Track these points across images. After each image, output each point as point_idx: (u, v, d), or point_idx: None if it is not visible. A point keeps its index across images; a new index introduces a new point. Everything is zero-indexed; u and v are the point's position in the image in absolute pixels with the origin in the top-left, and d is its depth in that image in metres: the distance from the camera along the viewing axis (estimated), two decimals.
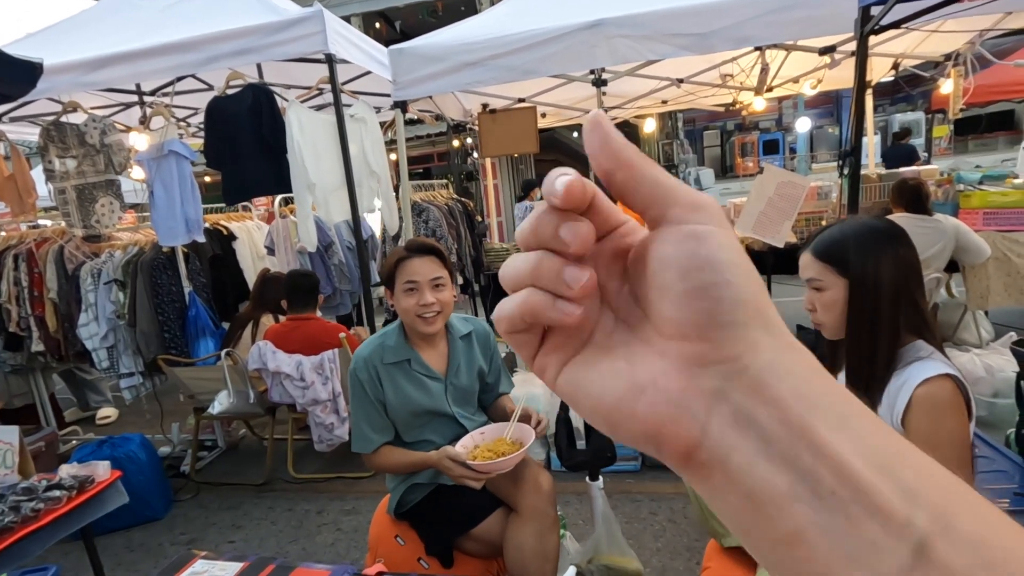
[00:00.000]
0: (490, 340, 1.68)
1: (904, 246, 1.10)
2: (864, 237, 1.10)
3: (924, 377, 1.03)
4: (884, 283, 1.08)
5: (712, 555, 1.50)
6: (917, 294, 1.11)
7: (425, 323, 1.49)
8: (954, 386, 1.03)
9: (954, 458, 1.01)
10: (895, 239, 1.10)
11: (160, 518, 2.88)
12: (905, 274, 1.09)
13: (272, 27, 2.60)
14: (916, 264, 1.11)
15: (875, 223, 1.12)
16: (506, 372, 1.75)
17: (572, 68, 2.80)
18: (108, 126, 3.05)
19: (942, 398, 1.02)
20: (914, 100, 15.08)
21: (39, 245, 3.52)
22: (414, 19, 10.68)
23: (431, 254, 1.49)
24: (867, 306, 1.10)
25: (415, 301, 1.47)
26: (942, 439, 1.01)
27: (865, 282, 1.09)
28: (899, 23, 2.08)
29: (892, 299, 1.08)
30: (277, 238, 4.04)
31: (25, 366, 3.78)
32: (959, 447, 1.02)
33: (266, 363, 2.88)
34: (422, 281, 1.46)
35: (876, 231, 1.11)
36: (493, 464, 1.34)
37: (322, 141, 2.84)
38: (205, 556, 1.29)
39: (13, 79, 1.97)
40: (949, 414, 1.02)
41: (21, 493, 1.57)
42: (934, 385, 1.03)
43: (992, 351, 2.78)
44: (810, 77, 4.31)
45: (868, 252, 1.09)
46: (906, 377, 1.06)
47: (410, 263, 1.48)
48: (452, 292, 1.54)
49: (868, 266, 1.09)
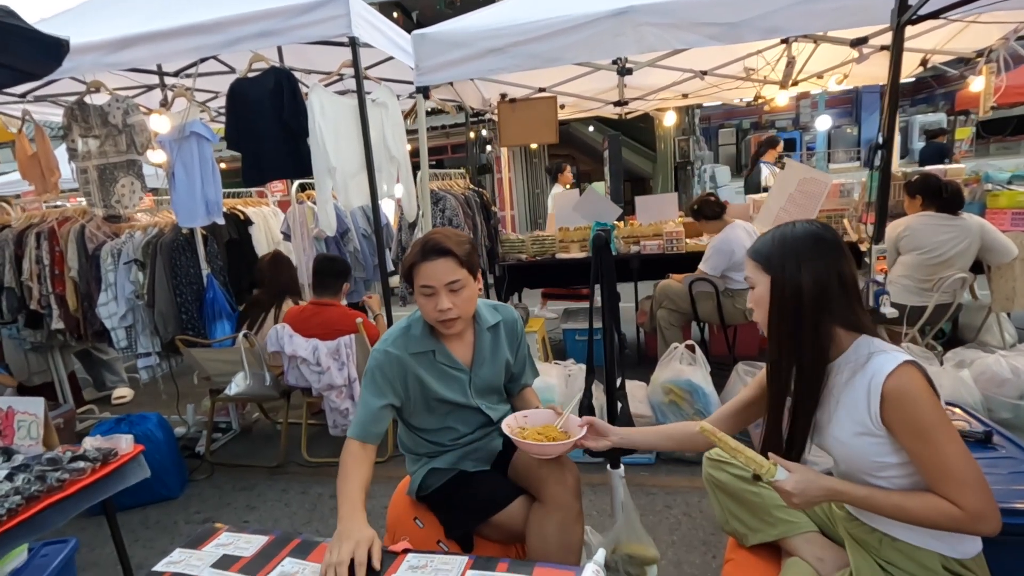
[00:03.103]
0: (517, 329, 1.63)
1: (829, 249, 1.12)
2: (790, 238, 1.15)
3: (888, 371, 1.05)
4: (804, 283, 1.11)
5: (735, 549, 1.48)
6: (844, 294, 1.12)
7: (444, 327, 1.46)
8: (917, 370, 1.05)
9: (945, 438, 1.02)
10: (821, 243, 1.12)
11: (176, 497, 2.91)
12: (828, 276, 1.11)
13: (296, 9, 2.58)
14: (841, 267, 1.12)
15: (808, 228, 1.15)
16: (532, 363, 1.71)
17: (597, 56, 2.76)
18: (131, 106, 3.06)
19: (913, 386, 1.04)
20: (936, 101, 14.83)
21: (61, 224, 3.55)
22: (431, 10, 10.65)
23: (446, 256, 1.41)
24: (788, 304, 1.13)
25: (433, 306, 1.43)
26: (928, 423, 1.02)
27: (784, 280, 1.13)
28: (937, 13, 2.03)
29: (815, 298, 1.11)
30: (293, 224, 4.05)
31: (44, 344, 3.83)
32: (943, 427, 1.02)
33: (283, 346, 2.89)
34: (438, 286, 1.41)
35: (800, 234, 1.14)
36: (544, 446, 1.36)
37: (343, 125, 2.83)
38: (229, 529, 1.29)
39: (39, 56, 1.97)
40: (924, 399, 1.03)
41: (46, 463, 1.59)
42: (901, 375, 1.04)
43: (1018, 353, 2.72)
44: (836, 72, 4.23)
45: (788, 252, 1.14)
46: (871, 374, 1.08)
47: (424, 267, 1.41)
48: (475, 287, 1.48)
49: (788, 265, 1.13)
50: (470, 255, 1.45)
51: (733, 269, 3.50)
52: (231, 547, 1.21)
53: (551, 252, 4.36)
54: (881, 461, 1.10)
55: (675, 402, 2.75)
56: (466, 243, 1.46)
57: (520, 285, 4.79)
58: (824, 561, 1.26)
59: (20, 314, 3.70)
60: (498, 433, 1.62)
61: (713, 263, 3.48)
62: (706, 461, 1.50)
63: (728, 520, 1.46)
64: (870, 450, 1.11)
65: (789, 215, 3.66)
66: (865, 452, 1.11)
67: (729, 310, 3.55)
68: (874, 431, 1.09)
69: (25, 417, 1.77)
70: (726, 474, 1.44)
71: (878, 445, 1.10)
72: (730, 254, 3.45)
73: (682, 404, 2.74)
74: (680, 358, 2.89)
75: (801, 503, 1.11)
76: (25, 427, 1.76)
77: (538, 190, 10.56)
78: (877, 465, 1.11)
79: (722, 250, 3.46)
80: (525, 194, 10.48)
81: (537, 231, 4.80)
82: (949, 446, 1.01)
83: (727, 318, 3.57)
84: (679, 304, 3.64)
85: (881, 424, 1.07)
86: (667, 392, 2.78)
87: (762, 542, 1.39)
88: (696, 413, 2.72)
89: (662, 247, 4.09)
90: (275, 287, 3.29)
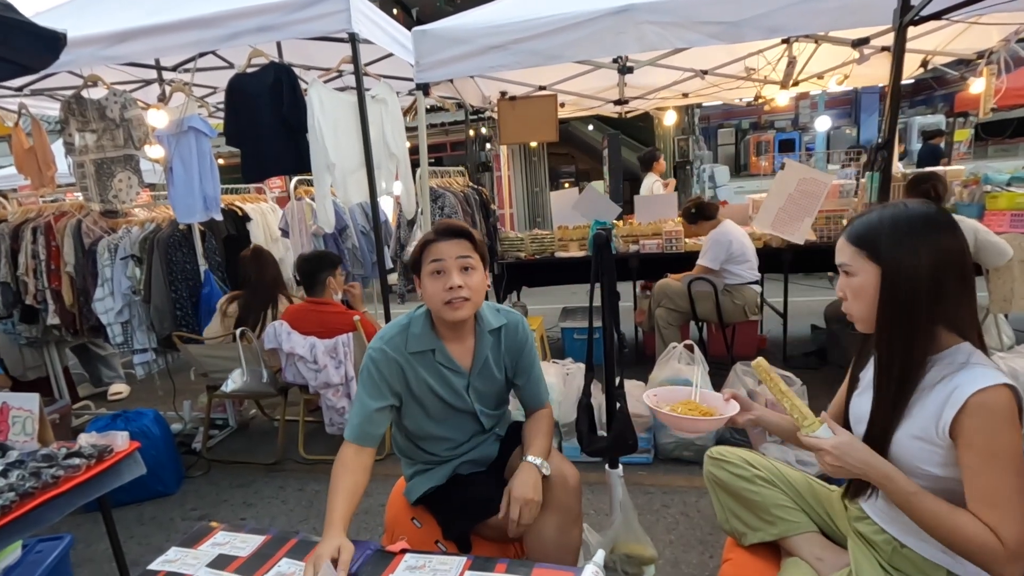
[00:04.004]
0: (519, 333, 1.54)
1: (949, 236, 1.01)
2: (901, 222, 1.02)
3: (981, 386, 0.96)
4: (922, 273, 1.00)
5: (733, 548, 1.48)
6: (962, 291, 1.01)
7: (451, 308, 1.37)
8: (1011, 396, 0.97)
9: (1012, 469, 0.95)
10: (939, 227, 1.01)
11: (172, 493, 2.90)
12: (948, 266, 1.00)
13: (296, 4, 2.56)
14: (963, 257, 1.01)
15: (917, 208, 1.03)
16: (542, 381, 1.59)
17: (598, 54, 2.75)
18: (129, 100, 3.04)
19: (1001, 409, 0.96)
20: (935, 103, 14.85)
21: (57, 218, 3.53)
22: (431, 7, 10.61)
23: (461, 236, 1.39)
24: (901, 297, 1.02)
25: (442, 285, 1.36)
26: (999, 449, 0.95)
27: (899, 270, 1.01)
28: (940, 14, 2.02)
29: (931, 291, 1.00)
30: (292, 220, 4.03)
31: (40, 339, 3.81)
32: (1016, 458, 0.96)
33: (281, 343, 2.88)
34: (448, 260, 1.36)
35: (916, 216, 1.02)
36: (698, 421, 1.34)
37: (343, 121, 2.81)
38: (225, 528, 1.28)
39: (36, 50, 1.94)
40: (1008, 426, 0.96)
41: (41, 460, 1.57)
42: (991, 394, 0.96)
43: (1015, 354, 2.72)
44: (836, 72, 4.23)
45: (903, 238, 1.01)
46: (957, 383, 0.99)
47: (437, 245, 1.38)
48: (484, 278, 1.44)
49: (903, 253, 1.01)
50: (482, 245, 1.46)
51: (731, 261, 3.51)
52: (227, 546, 1.20)
53: (550, 251, 4.35)
54: (925, 470, 1.04)
55: None
56: (478, 234, 1.47)
57: (519, 284, 4.79)
58: (823, 561, 1.25)
59: (16, 309, 3.68)
60: (493, 439, 1.61)
61: (712, 255, 3.49)
62: (707, 459, 1.48)
63: (728, 519, 1.45)
64: (919, 455, 1.04)
65: (788, 215, 3.66)
66: (914, 456, 1.05)
67: (728, 309, 3.55)
68: (934, 439, 1.02)
69: (20, 413, 1.76)
70: (727, 472, 1.42)
71: (930, 453, 1.03)
72: (727, 245, 3.47)
73: None
74: (678, 357, 2.88)
75: (834, 464, 1.05)
76: (20, 423, 1.75)
77: (537, 188, 10.54)
78: (919, 472, 1.05)
79: (720, 241, 3.48)
80: (524, 192, 10.46)
81: (536, 229, 4.79)
82: (1014, 478, 0.95)
83: (726, 317, 3.57)
84: (678, 303, 3.64)
85: (947, 435, 0.99)
86: None
87: (761, 541, 1.38)
88: None
89: (661, 246, 4.09)
90: (263, 284, 3.22)
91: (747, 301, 3.56)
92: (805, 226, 3.58)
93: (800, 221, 3.58)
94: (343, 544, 1.14)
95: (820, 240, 3.92)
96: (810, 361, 3.87)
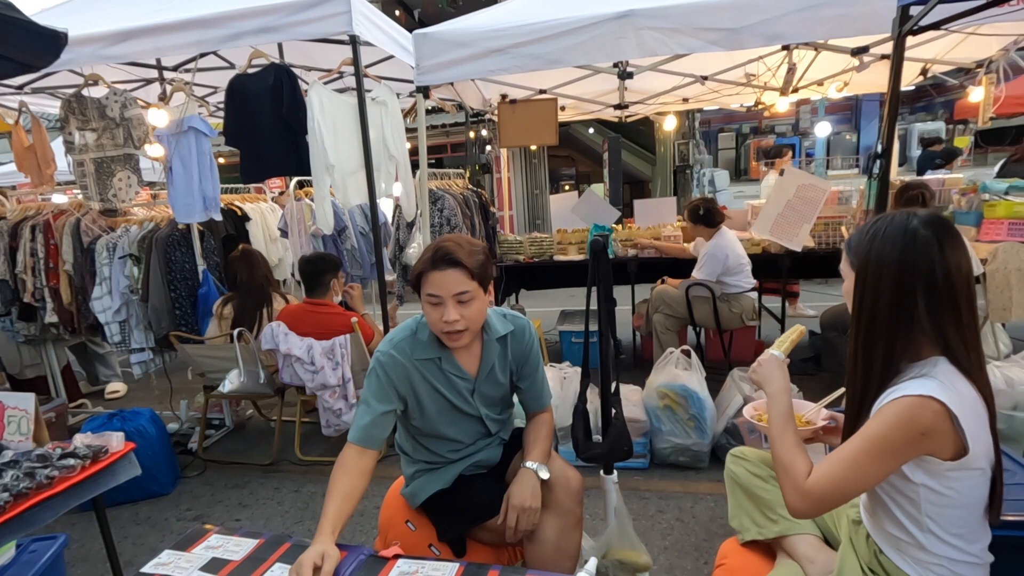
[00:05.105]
0: (525, 338, 1.53)
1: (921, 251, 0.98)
2: (879, 233, 1.03)
3: (908, 393, 0.95)
4: (883, 286, 1.00)
5: (727, 552, 1.49)
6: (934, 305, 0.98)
7: (449, 339, 1.39)
8: (928, 409, 0.93)
9: (863, 449, 0.97)
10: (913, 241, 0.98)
11: (167, 493, 2.89)
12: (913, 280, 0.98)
13: (297, 6, 2.57)
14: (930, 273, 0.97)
15: (898, 220, 1.02)
16: (545, 385, 1.60)
17: (598, 59, 2.76)
18: (129, 100, 3.04)
19: (903, 410, 0.95)
20: (935, 109, 14.89)
21: (56, 217, 3.53)
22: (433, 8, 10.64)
23: (456, 266, 1.33)
24: (865, 304, 1.03)
25: (439, 316, 1.36)
26: (871, 432, 0.98)
27: (865, 279, 1.03)
28: (939, 24, 2.03)
29: (893, 303, 1.00)
30: (291, 221, 4.03)
31: (38, 337, 3.80)
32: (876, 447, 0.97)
33: (278, 344, 2.88)
34: (445, 296, 1.34)
35: (893, 228, 1.01)
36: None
37: (343, 123, 2.82)
38: (219, 531, 1.28)
39: (37, 49, 1.95)
40: (896, 423, 0.95)
41: (36, 460, 1.57)
42: (908, 401, 0.94)
43: (1012, 363, 2.72)
44: (836, 80, 4.24)
45: (874, 248, 1.02)
46: (901, 391, 0.97)
47: (432, 276, 1.34)
48: (484, 300, 1.41)
49: (871, 263, 1.02)
50: (483, 266, 1.38)
51: (727, 274, 3.51)
52: (221, 550, 1.20)
53: (549, 254, 4.36)
54: None
55: (670, 407, 2.75)
56: (479, 253, 1.38)
57: (517, 286, 4.79)
58: (814, 563, 1.27)
59: (14, 306, 3.68)
60: (497, 443, 1.61)
61: (708, 270, 3.49)
62: (729, 457, 1.56)
63: (736, 514, 1.50)
64: None
65: (787, 221, 3.67)
66: None
67: (725, 315, 3.55)
68: None
69: (15, 412, 1.76)
70: (743, 469, 1.50)
71: None
72: (723, 259, 3.47)
73: (677, 409, 2.74)
74: (676, 362, 2.89)
75: (753, 369, 1.32)
76: (15, 423, 1.75)
77: (537, 191, 10.53)
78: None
79: (716, 256, 3.47)
80: (524, 195, 10.46)
81: (536, 232, 4.79)
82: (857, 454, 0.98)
83: (723, 323, 3.58)
84: (675, 308, 3.64)
85: None
86: (662, 396, 2.77)
87: (761, 538, 1.42)
88: (691, 418, 2.72)
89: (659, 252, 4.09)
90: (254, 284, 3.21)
91: (744, 309, 3.57)
92: (804, 233, 3.59)
93: (799, 227, 3.59)
94: (327, 551, 1.13)
95: (818, 247, 3.92)
96: (807, 367, 3.87)
